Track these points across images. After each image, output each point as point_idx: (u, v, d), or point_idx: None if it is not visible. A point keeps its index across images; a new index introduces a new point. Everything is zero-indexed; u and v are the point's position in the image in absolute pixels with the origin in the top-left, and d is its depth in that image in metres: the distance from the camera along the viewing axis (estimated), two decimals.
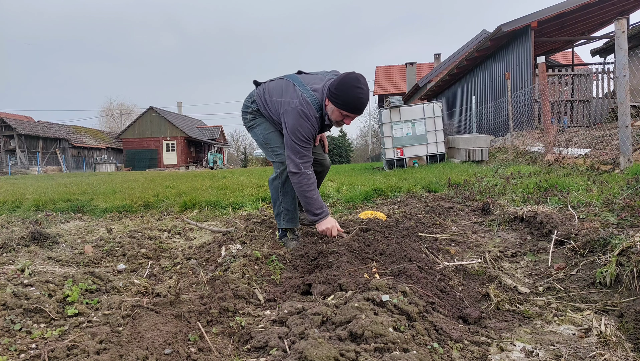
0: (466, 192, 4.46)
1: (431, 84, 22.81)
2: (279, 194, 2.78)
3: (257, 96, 2.78)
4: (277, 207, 2.82)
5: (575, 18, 12.60)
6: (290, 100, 2.55)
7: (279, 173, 2.74)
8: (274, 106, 2.66)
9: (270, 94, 2.70)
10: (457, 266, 2.24)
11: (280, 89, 2.66)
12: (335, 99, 2.43)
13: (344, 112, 2.46)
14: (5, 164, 32.43)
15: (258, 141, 2.87)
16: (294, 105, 2.51)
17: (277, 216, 2.85)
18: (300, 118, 2.48)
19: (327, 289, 1.88)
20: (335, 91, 2.42)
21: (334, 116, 2.51)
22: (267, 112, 2.75)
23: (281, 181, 2.75)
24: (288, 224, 2.82)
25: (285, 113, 2.53)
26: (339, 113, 2.48)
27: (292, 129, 2.49)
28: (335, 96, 2.42)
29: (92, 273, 2.11)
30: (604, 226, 2.44)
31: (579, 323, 1.60)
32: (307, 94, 2.54)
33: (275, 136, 2.77)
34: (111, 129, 55.72)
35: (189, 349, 1.46)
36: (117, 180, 8.85)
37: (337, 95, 2.41)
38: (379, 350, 1.32)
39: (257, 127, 2.82)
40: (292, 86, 2.62)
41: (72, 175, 14.95)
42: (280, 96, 2.62)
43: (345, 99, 2.40)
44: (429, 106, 8.96)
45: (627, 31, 4.48)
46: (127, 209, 4.66)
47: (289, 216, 2.80)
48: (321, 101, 2.54)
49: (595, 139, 6.49)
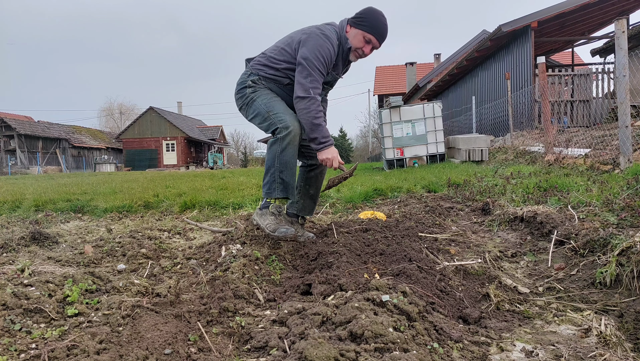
0: (466, 192, 4.46)
1: (431, 84, 22.80)
2: (275, 160, 2.47)
3: (256, 63, 2.62)
4: (270, 174, 2.50)
5: (575, 18, 12.60)
6: (306, 30, 2.50)
7: (281, 138, 2.45)
8: (283, 51, 2.53)
9: (273, 49, 2.61)
10: (457, 266, 2.24)
11: (286, 38, 2.61)
12: (361, 22, 2.47)
13: (368, 35, 2.48)
14: (5, 164, 32.42)
15: (258, 113, 2.56)
16: (312, 30, 2.46)
17: (268, 185, 2.53)
18: (320, 38, 2.42)
19: (327, 290, 1.88)
20: (361, 15, 2.48)
21: (356, 40, 2.50)
22: (272, 71, 2.57)
23: (281, 147, 2.45)
24: (280, 193, 2.50)
25: (303, 41, 2.44)
26: (362, 38, 2.49)
27: (311, 49, 2.39)
28: (360, 19, 2.47)
29: (92, 273, 2.11)
30: (604, 226, 2.44)
31: (579, 323, 1.60)
32: (321, 25, 2.52)
33: (279, 102, 2.57)
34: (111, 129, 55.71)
35: (189, 349, 1.46)
36: (117, 180, 8.84)
37: (364, 18, 2.46)
38: (379, 350, 1.32)
39: (257, 98, 2.56)
40: (299, 30, 2.57)
41: (72, 175, 14.95)
42: (289, 38, 2.55)
43: (372, 22, 2.46)
44: (429, 106, 8.96)
45: (627, 31, 4.48)
46: (127, 209, 4.66)
47: (283, 185, 2.49)
48: (339, 31, 2.52)
49: (595, 139, 6.49)
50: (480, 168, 6.80)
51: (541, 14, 11.27)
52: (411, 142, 8.93)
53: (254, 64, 2.61)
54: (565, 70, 11.64)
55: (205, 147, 45.54)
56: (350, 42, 2.52)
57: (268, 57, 2.58)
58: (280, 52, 2.54)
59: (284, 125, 2.45)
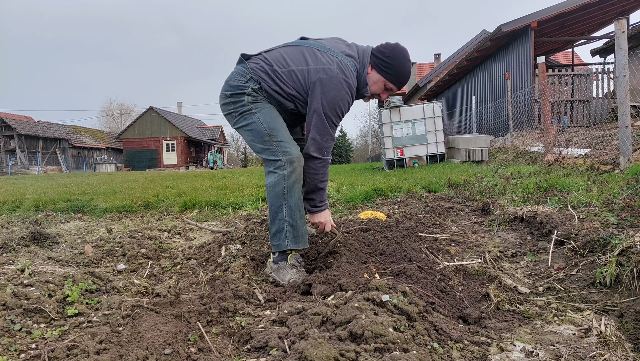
0: (466, 192, 4.46)
1: (431, 84, 22.81)
2: (283, 203, 2.12)
3: (259, 70, 2.16)
4: (279, 221, 2.14)
5: (575, 18, 12.60)
6: (326, 66, 2.09)
7: (285, 176, 2.10)
8: (295, 76, 2.13)
9: (281, 64, 2.16)
10: (457, 266, 2.24)
11: (299, 55, 2.17)
12: (385, 68, 2.15)
13: (389, 84, 2.20)
14: (5, 164, 32.43)
15: (257, 132, 2.16)
16: (334, 72, 2.07)
17: (277, 236, 2.16)
18: (342, 89, 2.07)
19: (327, 290, 1.88)
20: (388, 59, 2.13)
21: (376, 86, 2.20)
22: (277, 88, 2.16)
23: (287, 186, 2.11)
24: (293, 243, 2.15)
25: (321, 82, 2.06)
26: (383, 85, 2.21)
27: (331, 102, 2.06)
28: (386, 65, 2.14)
29: (92, 273, 2.11)
30: (604, 226, 2.44)
31: (579, 323, 1.60)
32: (344, 60, 2.13)
33: (281, 124, 2.19)
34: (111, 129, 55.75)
35: (189, 349, 1.46)
36: (117, 180, 8.84)
37: (390, 65, 2.14)
38: (379, 350, 1.32)
39: (258, 112, 2.16)
40: (316, 52, 2.15)
41: (72, 175, 14.95)
42: (304, 64, 2.13)
43: (398, 71, 2.16)
44: (429, 106, 8.96)
45: (627, 31, 4.49)
46: (127, 209, 4.66)
47: (293, 234, 2.15)
48: (360, 69, 2.18)
49: (595, 139, 6.49)
50: (480, 168, 6.80)
51: (541, 14, 11.29)
52: (411, 142, 8.94)
53: (255, 69, 2.17)
54: (565, 70, 11.64)
55: (205, 147, 45.56)
56: (369, 89, 2.23)
57: (274, 72, 2.16)
58: (290, 75, 2.15)
59: (288, 159, 2.11)
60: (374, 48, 2.21)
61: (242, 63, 2.22)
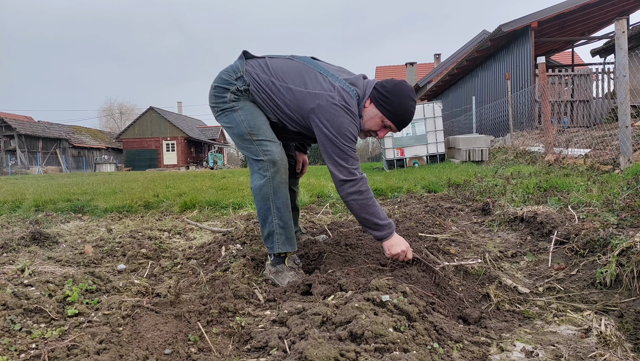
0: (466, 192, 4.46)
1: (431, 84, 22.81)
2: (270, 205, 2.09)
3: (253, 73, 2.10)
4: (269, 224, 2.11)
5: (575, 18, 12.60)
6: (326, 93, 1.97)
7: (270, 178, 2.06)
8: (291, 95, 2.04)
9: (281, 77, 2.07)
10: (457, 266, 2.24)
11: (299, 74, 2.07)
12: (384, 104, 2.00)
13: (387, 122, 2.03)
14: (6, 164, 32.44)
15: (237, 130, 2.11)
16: (335, 99, 1.95)
17: (269, 238, 2.14)
18: (346, 116, 1.95)
19: (327, 290, 1.88)
20: (388, 95, 1.99)
21: (371, 122, 2.05)
22: (266, 98, 2.09)
23: (272, 188, 2.07)
24: (285, 246, 2.13)
25: (321, 110, 1.95)
26: (380, 122, 2.04)
27: (338, 130, 1.94)
28: (385, 100, 1.99)
29: (92, 273, 2.11)
30: (604, 226, 2.44)
31: (579, 323, 1.60)
32: (346, 87, 2.02)
33: (263, 122, 2.11)
34: (111, 129, 55.77)
35: (189, 349, 1.46)
36: (117, 180, 8.84)
37: (389, 100, 1.99)
38: (379, 350, 1.32)
39: (238, 110, 2.10)
40: (317, 75, 2.05)
41: (72, 175, 14.95)
42: (304, 85, 2.03)
43: (398, 109, 1.99)
44: (429, 106, 8.96)
45: (627, 31, 4.49)
46: (127, 209, 4.66)
47: (285, 236, 2.13)
48: (362, 99, 2.05)
49: (595, 140, 6.49)
50: (480, 168, 6.80)
51: (541, 14, 11.29)
52: (411, 143, 8.94)
53: (251, 73, 2.11)
54: (565, 70, 11.65)
55: (206, 147, 45.57)
56: (364, 124, 2.06)
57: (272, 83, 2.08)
58: (288, 91, 2.06)
59: (269, 159, 2.06)
60: (377, 82, 2.08)
61: (241, 60, 2.16)
